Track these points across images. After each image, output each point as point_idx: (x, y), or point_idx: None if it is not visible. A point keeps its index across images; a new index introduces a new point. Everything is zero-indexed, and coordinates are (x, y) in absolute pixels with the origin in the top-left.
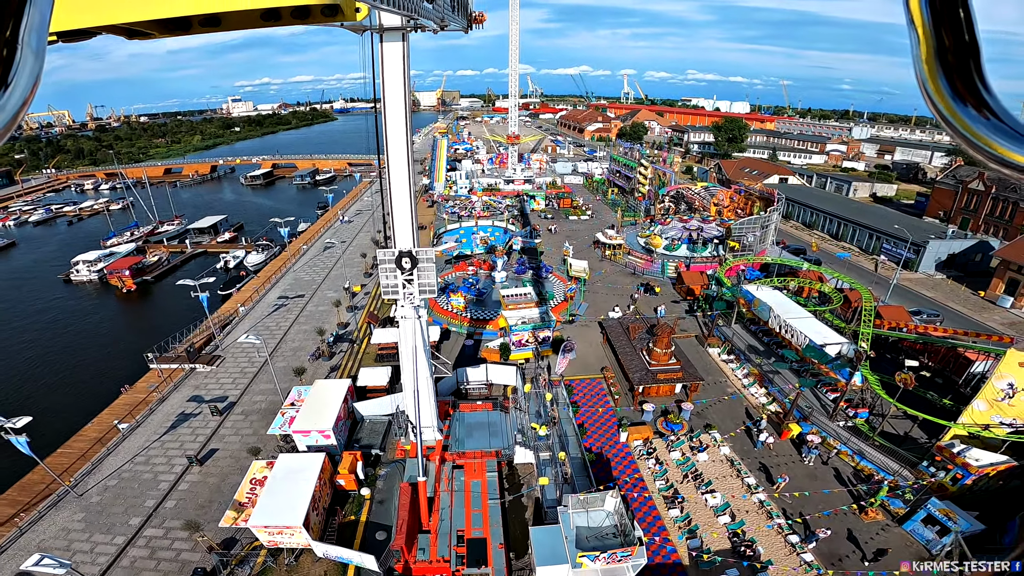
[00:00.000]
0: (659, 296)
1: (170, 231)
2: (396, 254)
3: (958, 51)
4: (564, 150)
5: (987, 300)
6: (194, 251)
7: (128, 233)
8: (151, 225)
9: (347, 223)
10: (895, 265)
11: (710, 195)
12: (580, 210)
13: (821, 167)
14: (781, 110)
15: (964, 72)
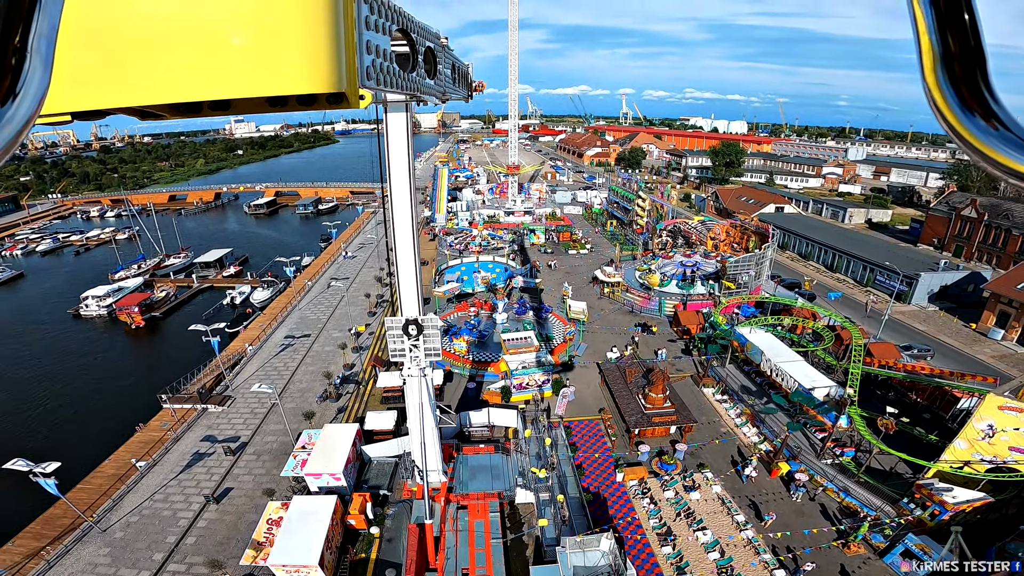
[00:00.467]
0: (656, 335)
1: (176, 264)
2: (403, 322)
3: (964, 59)
4: (564, 176)
5: (979, 332)
6: (200, 286)
7: (135, 266)
8: (157, 258)
9: (350, 258)
10: (888, 298)
11: (707, 229)
12: (580, 244)
13: (817, 191)
14: (778, 129)
15: (971, 81)
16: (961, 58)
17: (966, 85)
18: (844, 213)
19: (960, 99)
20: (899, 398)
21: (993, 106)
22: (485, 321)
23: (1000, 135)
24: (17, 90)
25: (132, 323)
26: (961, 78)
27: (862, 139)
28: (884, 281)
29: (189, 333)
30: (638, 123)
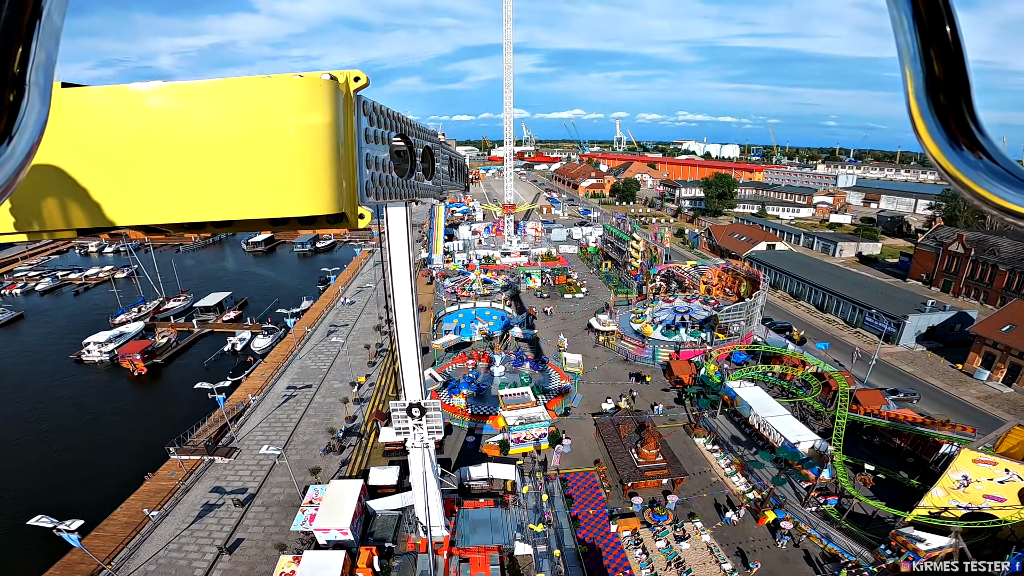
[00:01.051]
0: (650, 385)
1: (176, 307)
2: (407, 405)
3: (948, 85)
4: (559, 211)
5: (965, 373)
6: (201, 331)
7: (136, 309)
8: (157, 300)
9: (349, 304)
10: (877, 339)
11: (699, 273)
12: (575, 287)
13: (809, 221)
14: (769, 152)
15: (955, 109)
16: (945, 85)
17: (951, 114)
18: (835, 247)
19: (945, 129)
20: (884, 443)
21: (978, 137)
22: (483, 373)
23: (985, 167)
24: (13, 131)
25: (135, 370)
26: (946, 107)
27: (852, 161)
28: (873, 322)
29: (192, 380)
30: (632, 149)
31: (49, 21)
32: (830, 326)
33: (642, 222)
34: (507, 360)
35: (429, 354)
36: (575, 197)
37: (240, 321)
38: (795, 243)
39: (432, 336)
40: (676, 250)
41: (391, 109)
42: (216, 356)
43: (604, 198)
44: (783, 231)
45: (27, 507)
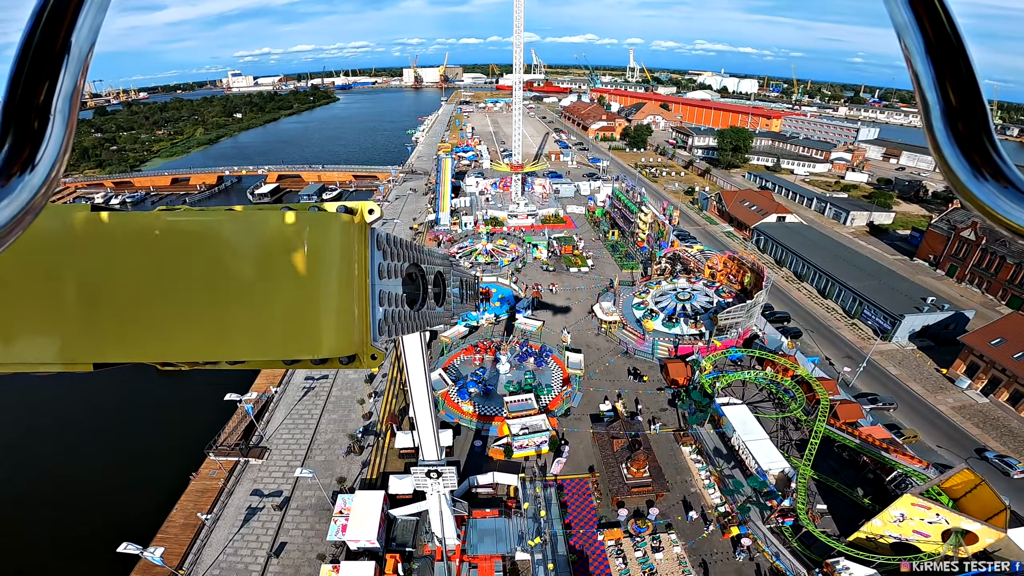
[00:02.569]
0: (646, 383)
1: None
2: (426, 470)
3: (967, 114)
4: (568, 158)
5: (947, 378)
6: None
7: None
8: None
9: None
10: (872, 334)
11: (705, 258)
12: (581, 259)
13: (824, 178)
14: (790, 89)
15: (975, 138)
16: (963, 113)
17: (971, 141)
18: (847, 216)
19: (966, 157)
20: (852, 457)
21: (1000, 164)
22: (490, 367)
23: (1011, 194)
24: (37, 159)
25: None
26: (965, 134)
27: (876, 101)
28: (870, 316)
29: (207, 379)
30: (645, 81)
31: (77, 50)
32: (828, 316)
33: (652, 175)
34: (512, 357)
35: (436, 342)
36: (584, 140)
37: None
38: (807, 206)
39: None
40: (685, 213)
41: (403, 239)
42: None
43: (614, 141)
44: (795, 192)
45: (86, 514)
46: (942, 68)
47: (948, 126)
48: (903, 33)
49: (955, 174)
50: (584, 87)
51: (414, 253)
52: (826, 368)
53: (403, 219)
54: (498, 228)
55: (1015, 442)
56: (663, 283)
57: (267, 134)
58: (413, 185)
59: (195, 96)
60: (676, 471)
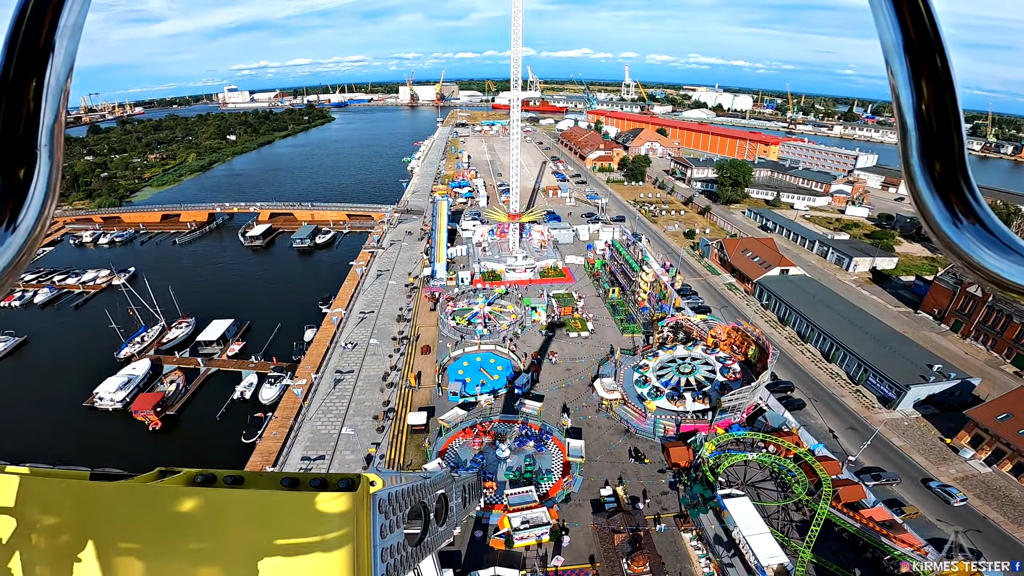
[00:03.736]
0: (648, 466)
1: (179, 336)
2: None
3: (944, 151)
4: (566, 193)
5: (951, 447)
6: (207, 370)
7: (139, 339)
8: (159, 326)
9: (350, 348)
10: (875, 403)
11: (708, 327)
12: (581, 322)
13: (825, 212)
14: (784, 105)
15: (952, 179)
16: (941, 148)
17: (947, 181)
18: (849, 262)
19: (942, 197)
20: (852, 537)
21: (974, 205)
22: (489, 451)
23: (981, 238)
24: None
25: (150, 425)
26: (942, 174)
27: (869, 116)
28: (875, 383)
29: (207, 432)
30: (641, 99)
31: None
32: (832, 381)
33: (651, 213)
34: (512, 442)
35: (433, 421)
36: (582, 171)
37: (245, 357)
38: (808, 248)
39: (437, 394)
40: (685, 261)
41: (406, 487)
42: (226, 407)
43: (612, 173)
44: (796, 233)
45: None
46: (924, 95)
47: (924, 161)
48: (890, 57)
49: (929, 212)
50: (580, 106)
51: (416, 495)
52: (829, 441)
53: (399, 269)
54: (495, 283)
55: (1015, 511)
56: (664, 352)
57: (261, 159)
58: (409, 227)
59: (190, 112)
60: (676, 558)
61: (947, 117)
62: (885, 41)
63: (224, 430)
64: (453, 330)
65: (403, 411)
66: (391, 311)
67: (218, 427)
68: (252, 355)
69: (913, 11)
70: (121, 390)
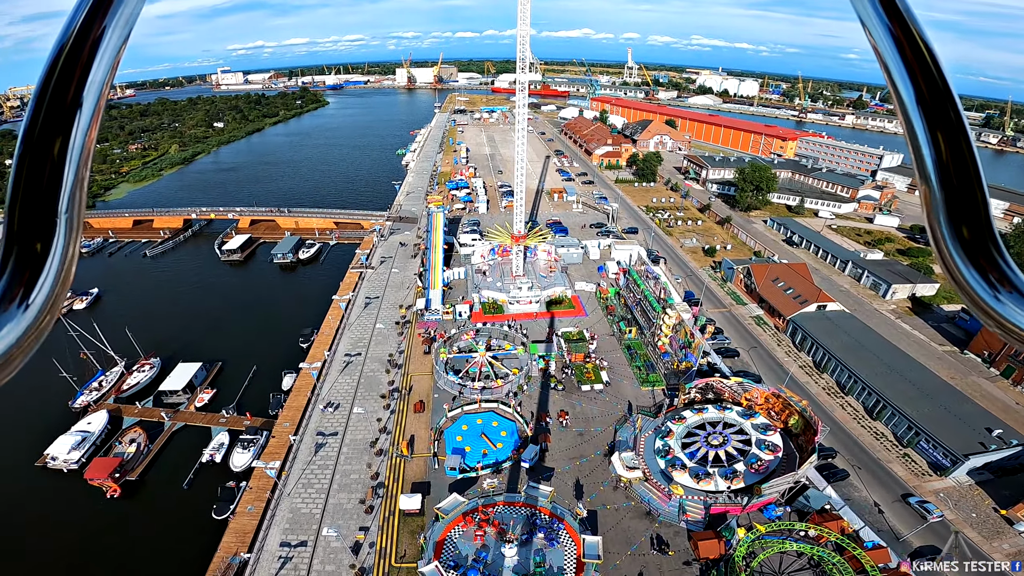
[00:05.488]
0: (671, 558)
1: (142, 381)
2: None
3: (970, 211)
4: (572, 196)
5: (1006, 519)
6: (173, 425)
7: (96, 384)
8: (118, 370)
9: (332, 410)
10: (926, 469)
11: (743, 389)
12: (595, 372)
13: (852, 220)
14: (791, 91)
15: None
16: (965, 207)
17: (976, 246)
18: (887, 288)
19: (972, 262)
20: None
21: (1005, 268)
22: (492, 544)
23: (1019, 303)
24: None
25: (108, 493)
26: (970, 239)
27: (879, 104)
28: (926, 448)
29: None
30: (645, 83)
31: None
32: (877, 443)
33: (665, 224)
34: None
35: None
36: (588, 168)
37: (215, 408)
38: (839, 268)
39: (433, 466)
40: (708, 287)
41: None
42: (194, 472)
43: (621, 170)
44: (824, 249)
45: None
46: (943, 150)
47: (952, 226)
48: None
49: (965, 283)
50: (583, 90)
51: None
52: (875, 517)
53: (389, 296)
54: (497, 317)
55: None
56: (693, 413)
57: (249, 150)
58: (402, 238)
59: (182, 95)
60: None
61: (967, 171)
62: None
63: (192, 500)
64: (451, 383)
65: (394, 486)
66: (380, 354)
67: (185, 496)
68: (223, 407)
69: (921, 64)
70: (76, 450)
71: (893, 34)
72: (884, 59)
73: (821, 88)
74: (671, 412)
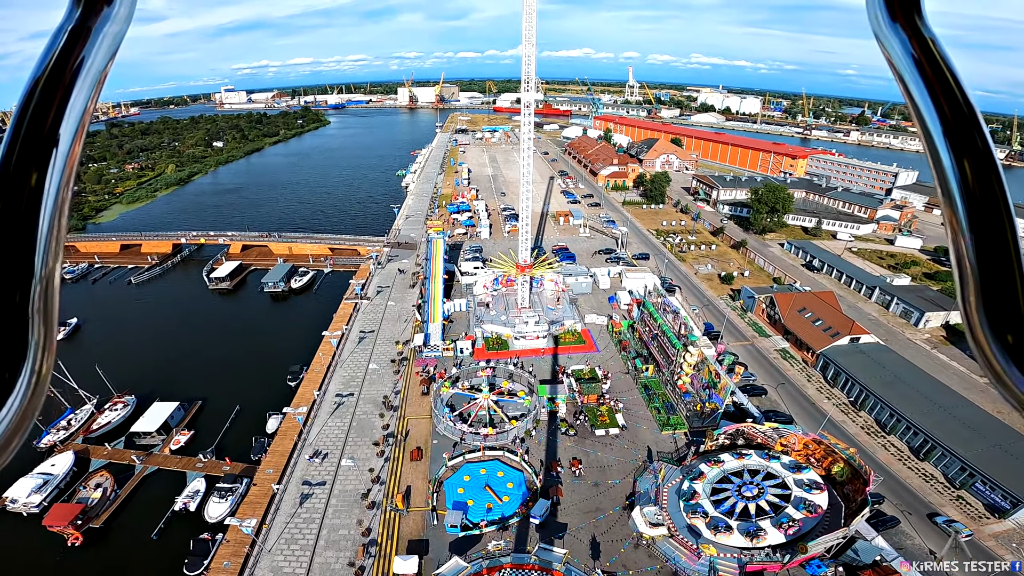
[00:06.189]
0: None
1: (114, 421)
2: None
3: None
4: (579, 220)
5: None
6: (145, 469)
7: (64, 423)
8: (89, 407)
9: (319, 460)
10: (983, 511)
11: (779, 435)
12: (610, 416)
13: (872, 242)
14: (793, 108)
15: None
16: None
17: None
18: (920, 317)
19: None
20: None
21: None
22: None
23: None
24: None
25: (70, 541)
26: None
27: (880, 120)
28: (983, 490)
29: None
30: (647, 102)
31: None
32: (927, 486)
33: (677, 249)
34: None
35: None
36: (594, 189)
37: (192, 452)
38: (864, 295)
39: (431, 521)
40: (730, 320)
41: None
42: (165, 521)
43: (628, 191)
44: (848, 274)
45: None
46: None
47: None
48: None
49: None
50: (584, 109)
51: None
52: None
53: (386, 330)
54: (502, 353)
55: None
56: (730, 457)
57: (248, 170)
58: (400, 264)
59: (184, 114)
60: None
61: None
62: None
63: (161, 553)
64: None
65: (388, 545)
66: (374, 395)
67: (154, 548)
68: (200, 450)
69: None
70: (36, 493)
71: (914, 57)
72: (903, 77)
73: (822, 104)
74: (695, 460)
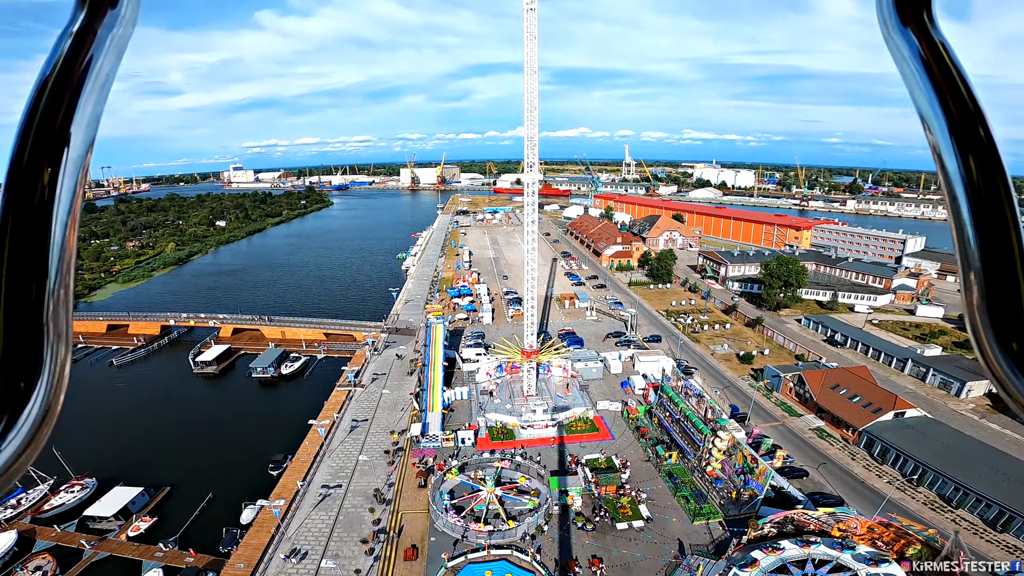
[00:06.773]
0: None
1: (68, 502)
2: None
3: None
4: (585, 303)
5: None
6: (94, 555)
7: (14, 502)
8: (43, 489)
9: (295, 560)
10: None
11: (835, 520)
12: (632, 507)
13: (892, 313)
14: (786, 180)
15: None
16: (1008, 301)
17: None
18: (961, 387)
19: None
20: None
21: None
22: None
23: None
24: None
25: None
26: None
27: (873, 188)
28: None
29: None
30: (645, 179)
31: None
32: (1012, 557)
33: (690, 330)
34: None
35: None
36: (598, 270)
37: (152, 540)
38: (896, 368)
39: None
40: (757, 402)
41: None
42: None
43: (633, 271)
44: (874, 347)
45: None
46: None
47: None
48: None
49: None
50: (584, 188)
51: None
52: None
53: (380, 419)
54: (508, 444)
55: None
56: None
57: (249, 251)
58: (398, 350)
59: (192, 192)
60: None
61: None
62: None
63: None
64: (453, 525)
65: None
66: (364, 487)
67: None
68: (162, 539)
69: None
70: None
71: (923, 60)
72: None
73: (813, 174)
74: (740, 551)
